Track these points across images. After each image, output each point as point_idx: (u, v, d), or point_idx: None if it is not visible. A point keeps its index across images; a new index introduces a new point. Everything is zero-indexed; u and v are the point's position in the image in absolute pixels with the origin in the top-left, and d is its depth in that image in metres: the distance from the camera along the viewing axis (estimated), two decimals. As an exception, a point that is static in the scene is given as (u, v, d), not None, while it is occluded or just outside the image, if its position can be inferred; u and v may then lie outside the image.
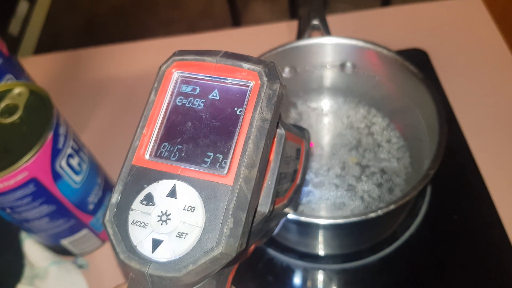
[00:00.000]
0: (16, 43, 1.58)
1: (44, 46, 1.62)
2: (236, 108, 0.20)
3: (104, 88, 0.59)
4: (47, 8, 1.75)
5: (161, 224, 0.19)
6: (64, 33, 1.67)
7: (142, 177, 0.20)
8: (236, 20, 1.50)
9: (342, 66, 0.47)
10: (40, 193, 0.36)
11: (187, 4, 1.67)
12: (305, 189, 0.44)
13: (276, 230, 0.31)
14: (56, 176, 0.36)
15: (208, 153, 0.20)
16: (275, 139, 0.23)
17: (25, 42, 1.61)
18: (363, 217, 0.33)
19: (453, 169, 0.46)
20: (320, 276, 0.42)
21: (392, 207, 0.33)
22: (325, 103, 0.50)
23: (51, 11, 1.75)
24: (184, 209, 0.19)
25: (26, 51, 1.59)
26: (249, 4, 1.62)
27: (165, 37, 0.65)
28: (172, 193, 0.19)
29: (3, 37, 0.45)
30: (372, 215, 0.33)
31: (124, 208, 0.20)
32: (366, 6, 1.51)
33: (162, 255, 0.18)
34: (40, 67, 0.63)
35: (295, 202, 0.30)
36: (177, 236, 0.18)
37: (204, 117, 0.21)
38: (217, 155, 0.20)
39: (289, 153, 0.27)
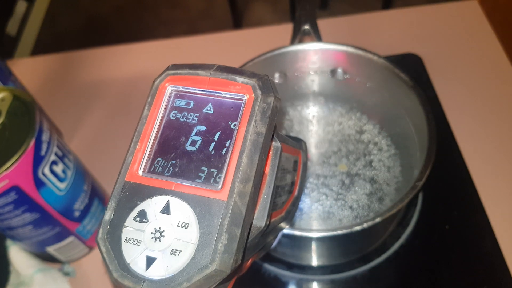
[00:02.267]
0: (14, 43, 1.58)
1: (44, 47, 1.62)
2: (230, 122, 0.20)
3: (99, 90, 0.59)
4: (46, 8, 1.75)
5: (155, 241, 0.19)
6: (65, 34, 1.66)
7: (135, 194, 0.20)
8: (237, 20, 1.50)
9: (333, 72, 0.46)
10: (22, 201, 0.36)
11: (188, 4, 1.67)
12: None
13: (274, 244, 0.31)
14: (39, 183, 0.36)
15: (202, 168, 0.20)
16: (270, 152, 0.23)
17: (23, 43, 1.61)
18: (347, 231, 0.32)
19: (445, 178, 0.45)
20: (309, 287, 0.41)
21: (378, 220, 0.32)
22: (316, 110, 0.49)
23: (51, 11, 1.75)
24: (178, 226, 0.19)
25: (24, 52, 1.58)
26: (250, 5, 1.61)
27: (162, 39, 0.64)
28: (166, 210, 0.19)
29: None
30: (357, 228, 0.32)
31: (117, 225, 0.19)
32: (367, 7, 1.51)
33: (156, 273, 0.18)
34: (34, 70, 0.62)
35: (291, 216, 0.30)
36: (171, 253, 0.18)
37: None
38: (211, 170, 0.20)
39: (286, 166, 0.26)
